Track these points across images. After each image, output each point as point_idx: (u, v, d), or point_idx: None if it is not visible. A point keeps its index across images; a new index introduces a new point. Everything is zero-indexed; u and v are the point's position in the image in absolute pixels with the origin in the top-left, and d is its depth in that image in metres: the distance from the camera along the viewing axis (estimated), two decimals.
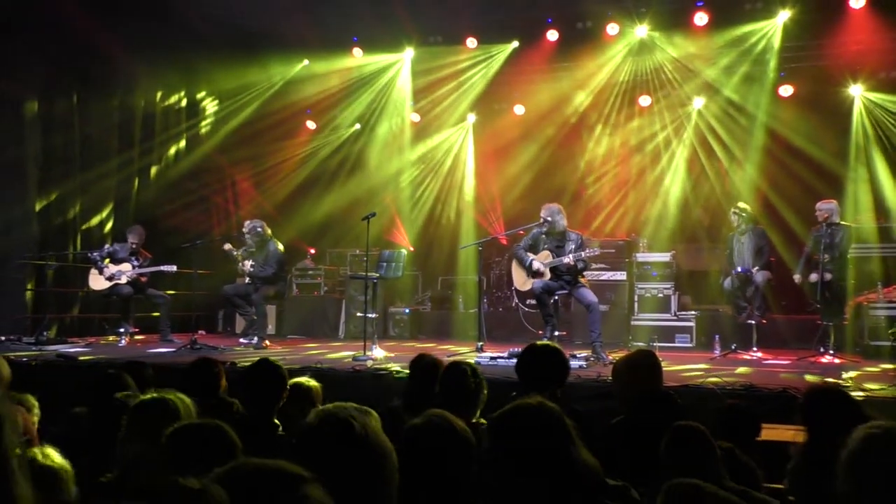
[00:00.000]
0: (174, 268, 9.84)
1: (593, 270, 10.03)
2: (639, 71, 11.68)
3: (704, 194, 11.78)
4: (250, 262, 9.76)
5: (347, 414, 1.84)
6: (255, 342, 9.46)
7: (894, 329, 7.87)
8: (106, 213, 11.59)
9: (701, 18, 10.63)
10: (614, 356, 7.52)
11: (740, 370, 7.14)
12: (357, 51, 12.36)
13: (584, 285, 8.27)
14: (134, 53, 11.37)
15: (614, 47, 11.44)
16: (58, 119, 10.66)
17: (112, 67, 11.23)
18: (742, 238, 9.04)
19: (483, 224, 12.83)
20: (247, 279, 9.87)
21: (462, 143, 13.23)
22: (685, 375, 6.62)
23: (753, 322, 8.70)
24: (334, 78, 12.68)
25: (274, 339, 10.35)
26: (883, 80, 10.68)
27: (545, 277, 8.19)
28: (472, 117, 12.97)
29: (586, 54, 11.52)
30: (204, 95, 13.30)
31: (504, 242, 12.29)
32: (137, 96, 12.07)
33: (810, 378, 6.50)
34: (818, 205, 8.68)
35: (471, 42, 11.89)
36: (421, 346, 9.97)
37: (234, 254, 10.12)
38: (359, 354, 7.86)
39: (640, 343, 9.58)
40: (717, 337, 8.81)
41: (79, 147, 10.93)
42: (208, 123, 13.32)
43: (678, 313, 10.24)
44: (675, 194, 11.77)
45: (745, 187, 11.00)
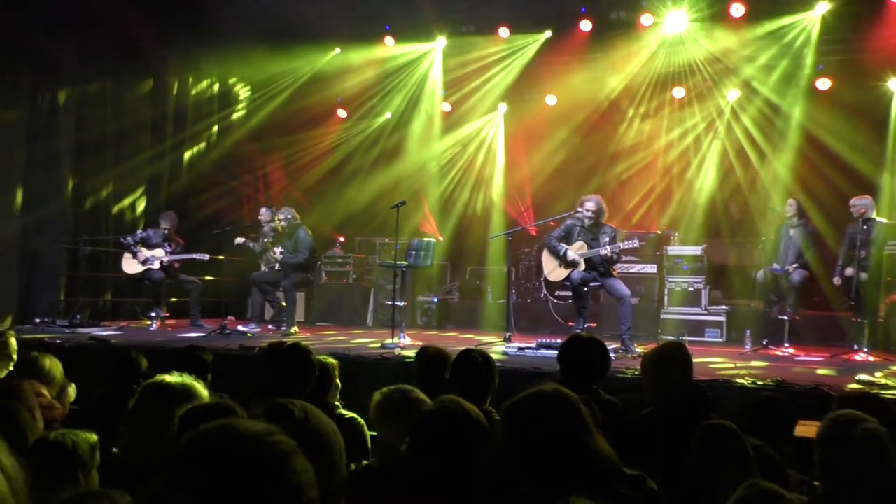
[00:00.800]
0: (206, 256, 9.94)
1: (623, 263, 9.97)
2: (673, 62, 11.53)
3: (737, 189, 11.64)
4: (280, 249, 9.81)
5: (288, 401, 1.90)
6: (284, 329, 9.52)
7: None
8: (138, 200, 11.72)
9: (737, 10, 10.46)
10: (643, 349, 7.47)
11: (769, 365, 7.05)
12: (389, 40, 12.34)
13: (616, 277, 8.22)
14: (167, 42, 11.50)
15: (648, 38, 11.30)
16: (91, 107, 10.79)
17: (145, 56, 11.35)
18: (791, 231, 8.90)
19: (512, 214, 12.81)
20: (276, 266, 9.93)
21: (493, 134, 13.19)
22: (715, 369, 6.56)
23: (786, 318, 8.58)
24: (366, 67, 12.67)
25: (302, 326, 10.40)
26: None
27: (579, 268, 8.15)
28: (504, 107, 12.91)
29: (619, 45, 11.40)
30: (236, 84, 13.38)
31: (533, 233, 12.25)
32: (170, 84, 12.18)
33: (829, 373, 6.41)
34: (853, 201, 8.54)
35: (503, 32, 11.83)
36: (448, 336, 9.99)
37: (250, 245, 10.19)
38: (387, 342, 7.89)
39: (669, 336, 9.49)
40: (748, 332, 8.70)
41: (112, 134, 11.05)
42: (240, 112, 13.40)
43: (708, 307, 10.13)
44: (708, 188, 11.64)
45: (779, 182, 10.84)
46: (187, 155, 12.54)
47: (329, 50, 12.61)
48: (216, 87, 13.08)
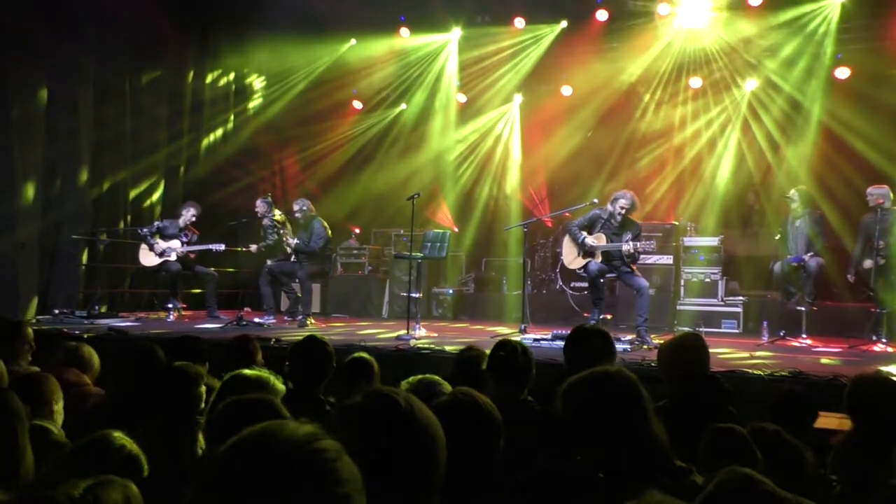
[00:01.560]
0: (222, 246, 9.97)
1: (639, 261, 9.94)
2: (690, 51, 11.45)
3: (754, 178, 11.55)
4: (295, 240, 9.84)
5: (393, 392, 1.82)
6: (300, 320, 9.55)
7: None
8: (155, 191, 11.78)
9: None
10: (659, 340, 7.45)
11: (786, 356, 7.01)
12: (404, 31, 12.32)
13: (635, 270, 8.19)
14: (183, 34, 11.54)
15: (665, 27, 11.23)
16: (110, 98, 10.84)
17: (161, 49, 11.39)
18: (797, 222, 8.81)
19: (528, 205, 12.78)
20: (292, 256, 9.95)
21: (508, 125, 13.15)
22: (731, 360, 6.52)
23: (803, 308, 8.51)
24: (381, 58, 12.67)
25: (318, 318, 10.44)
26: None
27: (596, 258, 8.13)
28: (519, 98, 12.86)
29: (636, 34, 11.34)
30: (252, 76, 13.41)
31: (549, 224, 12.22)
32: (186, 77, 12.22)
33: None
34: (869, 190, 8.41)
35: (519, 22, 11.79)
36: (463, 327, 10.00)
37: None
38: (403, 333, 7.90)
39: (686, 328, 9.44)
40: (766, 323, 8.64)
41: (129, 125, 11.11)
42: (256, 103, 13.44)
43: (725, 298, 10.08)
44: (724, 178, 11.55)
45: (797, 172, 10.75)
46: (203, 147, 12.59)
47: (344, 41, 12.61)
48: (232, 80, 13.11)
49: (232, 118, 13.12)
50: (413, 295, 8.90)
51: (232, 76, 13.08)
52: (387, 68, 12.87)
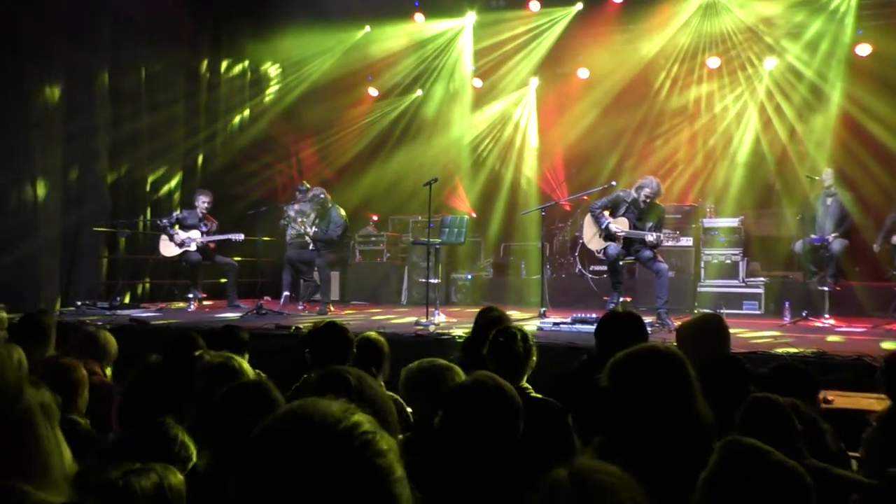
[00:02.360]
0: (241, 236, 10.01)
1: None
2: (707, 31, 11.33)
3: (774, 158, 11.43)
4: (314, 229, 9.88)
5: (345, 370, 1.85)
6: (320, 308, 9.59)
7: None
8: (174, 182, 11.84)
9: None
10: (679, 322, 7.40)
11: (809, 336, 6.95)
12: (419, 16, 12.28)
13: (656, 255, 8.15)
14: (198, 23, 11.55)
15: (682, 7, 11.11)
16: (126, 89, 10.88)
17: (177, 38, 11.42)
18: (828, 200, 8.72)
19: (545, 190, 12.73)
20: (310, 245, 9.99)
21: (525, 108, 13.08)
22: (752, 340, 6.48)
23: (826, 289, 8.44)
24: (396, 44, 12.64)
25: (337, 305, 10.48)
26: None
27: (617, 242, 8.09)
28: (535, 82, 12.79)
29: (652, 15, 11.23)
30: (267, 65, 13.42)
31: (567, 208, 12.17)
32: (202, 67, 12.25)
33: (887, 346, 6.28)
34: None
35: (534, 5, 11.71)
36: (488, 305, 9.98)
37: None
38: (422, 320, 7.91)
39: (706, 309, 9.36)
40: (788, 304, 8.58)
41: (147, 117, 11.16)
42: (272, 92, 13.45)
43: (746, 280, 10.00)
44: (744, 158, 11.45)
45: (818, 151, 10.63)
46: (220, 137, 12.63)
47: (359, 28, 12.58)
48: (248, 71, 13.14)
49: (248, 109, 13.14)
50: (432, 281, 8.89)
51: (247, 66, 13.11)
52: (401, 55, 12.83)
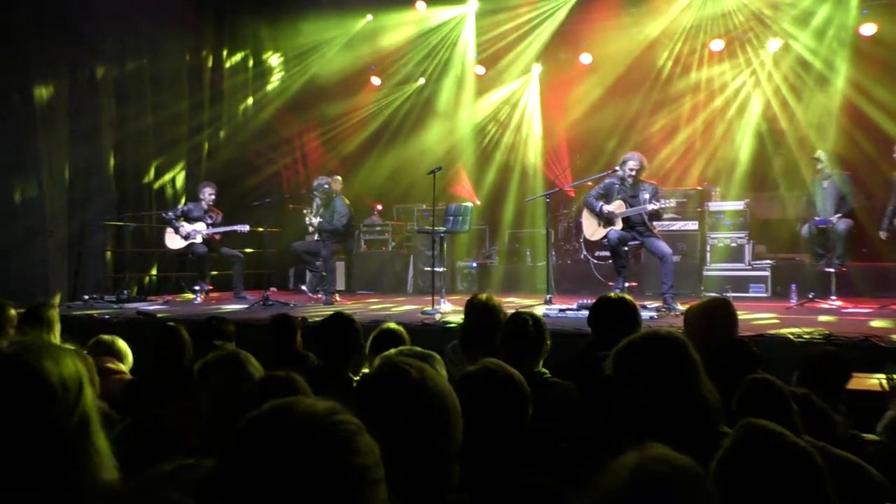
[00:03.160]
0: (247, 227, 10.01)
1: (664, 220, 9.84)
2: (710, 13, 11.26)
3: (779, 141, 11.38)
4: (318, 219, 9.89)
5: (403, 362, 1.83)
6: (325, 298, 9.60)
7: None
8: (178, 174, 11.84)
9: None
10: (685, 307, 7.40)
11: (821, 318, 6.94)
12: (420, 4, 12.21)
13: (657, 236, 8.13)
14: (200, 13, 11.52)
15: None
16: (130, 83, 10.87)
17: (181, 28, 11.40)
18: (825, 183, 8.69)
19: (550, 176, 12.71)
20: (315, 236, 10.01)
21: (528, 95, 13.05)
22: (760, 324, 6.47)
23: (833, 270, 8.42)
24: (398, 32, 12.59)
25: (343, 295, 10.50)
26: None
27: (616, 226, 8.07)
28: (538, 68, 12.74)
29: None
30: (270, 55, 13.39)
31: (572, 194, 12.15)
32: (205, 58, 12.23)
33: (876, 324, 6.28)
34: None
35: None
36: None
37: (307, 212, 10.28)
38: (427, 308, 7.91)
39: (713, 293, 9.36)
40: (794, 286, 8.56)
41: (150, 110, 11.15)
42: (275, 83, 13.43)
43: (752, 262, 9.98)
44: (749, 141, 11.41)
45: (822, 132, 10.58)
46: (225, 128, 12.63)
47: (361, 17, 12.54)
48: (251, 60, 13.11)
49: (251, 100, 13.13)
50: (437, 269, 8.89)
51: (250, 57, 13.08)
52: (404, 43, 12.79)
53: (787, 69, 11.12)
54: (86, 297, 9.56)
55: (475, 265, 11.66)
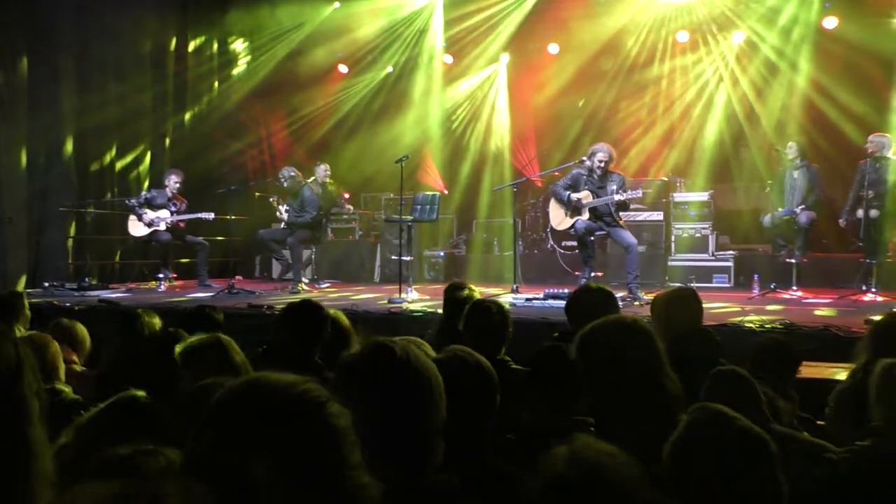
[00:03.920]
0: (212, 215, 9.91)
1: (630, 211, 9.92)
2: (678, 5, 11.35)
3: (743, 133, 11.52)
4: (285, 208, 9.83)
5: (388, 340, 1.88)
6: (291, 287, 9.55)
7: None
8: (142, 161, 11.67)
9: None
10: (650, 297, 7.47)
11: (778, 308, 7.05)
12: None
13: (623, 226, 8.19)
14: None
15: None
16: (92, 67, 10.68)
17: (144, 11, 11.22)
18: (795, 174, 8.79)
19: (517, 166, 12.74)
20: (283, 225, 9.94)
21: (495, 84, 13.05)
22: (723, 314, 6.56)
23: (794, 261, 8.56)
24: (366, 20, 12.49)
25: (309, 284, 10.43)
26: None
27: (583, 216, 8.11)
28: (506, 57, 12.75)
29: None
30: (235, 42, 13.23)
31: (539, 184, 12.18)
32: (169, 44, 12.04)
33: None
34: (870, 137, 8.38)
35: None
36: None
37: (273, 201, 10.21)
38: (394, 297, 7.90)
39: (677, 283, 9.45)
40: (756, 276, 8.70)
41: (113, 95, 10.96)
42: (241, 70, 13.27)
43: (716, 253, 10.11)
44: (713, 133, 11.53)
45: (785, 125, 10.73)
46: (189, 115, 12.46)
47: (328, 4, 12.43)
48: (216, 46, 12.94)
49: (217, 85, 12.97)
50: (404, 258, 8.89)
51: (215, 43, 12.90)
52: (372, 31, 12.69)
53: (751, 62, 11.25)
54: (46, 285, 9.40)
55: (442, 254, 11.66)
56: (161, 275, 10.03)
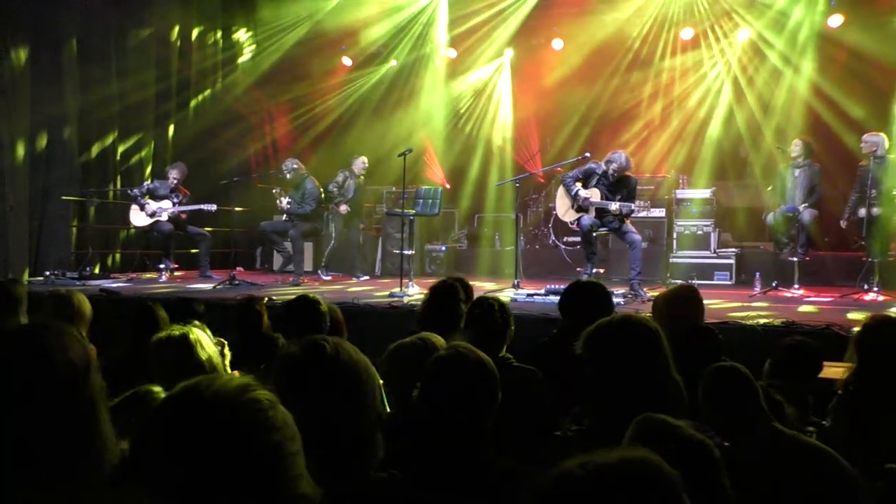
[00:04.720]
0: (214, 207, 9.90)
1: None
2: (682, 2, 11.32)
3: (746, 130, 11.49)
4: (287, 200, 9.81)
5: (320, 338, 1.88)
6: (293, 279, 9.54)
7: None
8: (145, 152, 11.66)
9: None
10: (652, 293, 7.47)
11: (778, 306, 7.04)
12: None
13: (628, 224, 8.16)
14: None
15: None
16: (96, 55, 10.65)
17: (147, 5, 11.21)
18: (797, 172, 8.77)
19: (520, 161, 12.72)
20: (284, 216, 9.94)
21: (499, 79, 13.03)
22: (724, 311, 6.55)
23: (796, 259, 8.54)
24: (370, 13, 12.46)
25: (310, 276, 10.44)
26: None
27: (590, 213, 8.09)
28: (510, 52, 12.72)
29: None
30: (239, 34, 13.20)
31: (541, 180, 12.18)
32: (173, 35, 12.01)
33: (853, 316, 6.40)
34: (864, 137, 8.37)
35: None
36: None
37: (276, 192, 10.19)
38: (396, 291, 7.90)
39: (679, 280, 9.44)
40: (758, 274, 8.68)
41: (116, 85, 10.94)
42: (244, 63, 13.24)
43: (718, 250, 10.10)
44: (717, 130, 11.50)
45: (789, 123, 10.71)
46: (192, 106, 12.44)
47: None
48: (220, 38, 12.89)
49: (220, 77, 12.94)
50: (406, 252, 8.87)
51: (219, 34, 12.87)
52: (376, 25, 12.65)
53: (756, 59, 11.22)
54: (47, 274, 9.41)
55: (444, 248, 11.65)
56: (162, 265, 10.03)
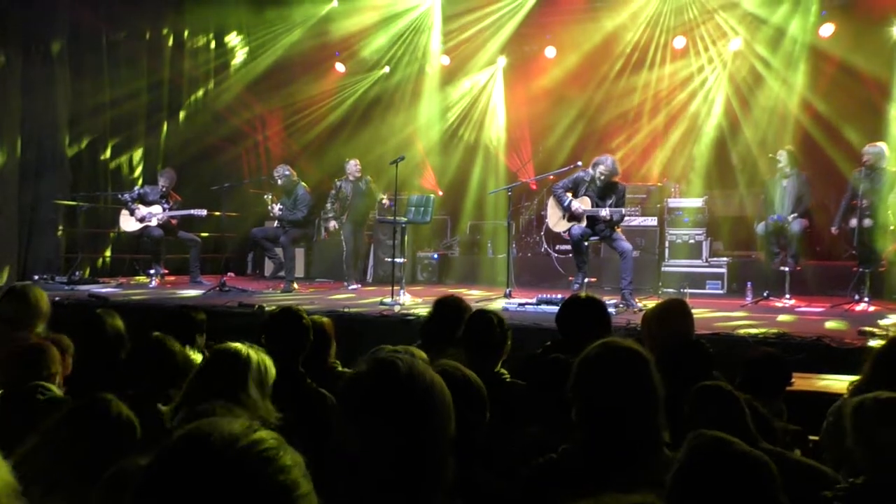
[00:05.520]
0: (204, 212, 9.87)
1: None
2: (674, 11, 11.35)
3: (738, 139, 11.51)
4: (278, 206, 9.78)
5: (391, 355, 1.75)
6: (284, 286, 9.50)
7: None
8: (135, 156, 11.62)
9: None
10: (644, 303, 7.46)
11: (781, 318, 7.04)
12: None
13: (619, 233, 8.16)
14: None
15: None
16: (87, 60, 10.62)
17: (140, 4, 11.16)
18: (784, 182, 8.78)
19: (512, 169, 12.71)
20: (275, 223, 9.90)
21: (492, 87, 13.02)
22: (715, 322, 6.54)
23: (787, 269, 8.54)
24: (363, 19, 12.45)
25: (302, 283, 10.40)
26: None
27: (581, 223, 8.08)
28: (503, 60, 12.72)
29: None
30: (232, 38, 13.17)
31: (534, 187, 12.18)
32: (166, 39, 11.98)
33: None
34: (866, 148, 8.34)
35: None
36: (449, 292, 9.96)
37: (267, 198, 10.15)
38: (387, 299, 7.87)
39: (670, 290, 9.47)
40: (750, 284, 8.68)
41: (108, 90, 10.90)
42: (237, 67, 13.21)
43: (710, 259, 10.10)
44: (709, 139, 11.51)
45: (780, 133, 10.73)
46: (185, 110, 12.40)
47: (326, 2, 12.38)
48: (212, 42, 12.88)
49: (212, 82, 12.91)
50: (397, 260, 8.84)
51: (212, 39, 12.84)
52: (369, 31, 12.65)
53: (747, 68, 11.24)
54: (35, 277, 9.36)
55: (436, 256, 11.63)
56: (152, 270, 9.99)
